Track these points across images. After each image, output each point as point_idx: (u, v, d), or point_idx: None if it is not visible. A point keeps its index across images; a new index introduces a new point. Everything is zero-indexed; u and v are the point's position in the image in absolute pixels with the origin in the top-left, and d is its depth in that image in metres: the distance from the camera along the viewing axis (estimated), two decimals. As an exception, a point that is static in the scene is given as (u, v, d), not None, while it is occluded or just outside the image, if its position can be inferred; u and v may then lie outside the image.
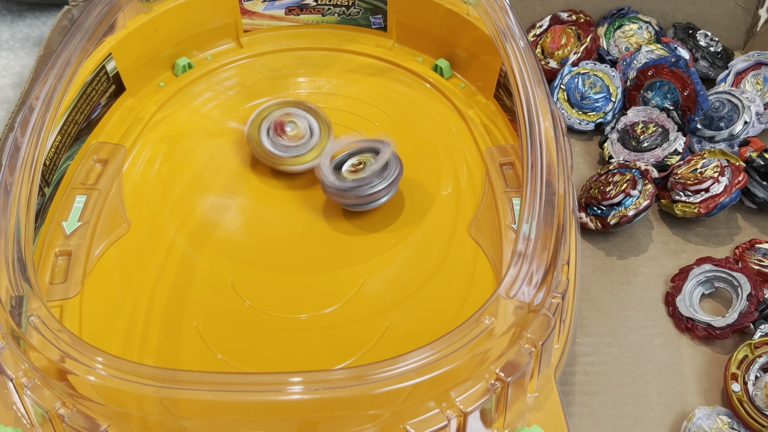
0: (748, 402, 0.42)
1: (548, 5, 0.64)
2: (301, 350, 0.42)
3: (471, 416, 0.33)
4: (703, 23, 0.64)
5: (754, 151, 0.52)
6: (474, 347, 0.33)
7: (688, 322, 0.47)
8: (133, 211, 0.48)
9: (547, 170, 0.40)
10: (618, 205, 0.50)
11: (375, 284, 0.44)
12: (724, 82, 0.59)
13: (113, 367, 0.32)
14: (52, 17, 0.73)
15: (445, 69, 0.57)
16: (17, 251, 0.37)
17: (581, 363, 0.46)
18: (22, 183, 0.40)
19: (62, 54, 0.47)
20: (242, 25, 0.60)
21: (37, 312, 0.34)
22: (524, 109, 0.44)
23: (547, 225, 0.38)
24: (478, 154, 0.52)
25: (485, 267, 0.45)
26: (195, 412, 0.33)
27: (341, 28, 0.61)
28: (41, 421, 0.34)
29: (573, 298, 0.40)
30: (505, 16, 0.49)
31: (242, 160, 0.52)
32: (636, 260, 0.51)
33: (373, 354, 0.41)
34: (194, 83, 0.57)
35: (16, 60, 0.69)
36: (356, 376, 0.32)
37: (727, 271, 0.48)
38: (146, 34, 0.55)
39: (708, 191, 0.50)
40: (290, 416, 0.32)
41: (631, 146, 0.55)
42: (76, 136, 0.51)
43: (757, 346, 0.44)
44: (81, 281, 0.44)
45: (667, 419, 0.44)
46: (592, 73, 0.59)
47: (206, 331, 0.42)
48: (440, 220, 0.48)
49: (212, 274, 0.45)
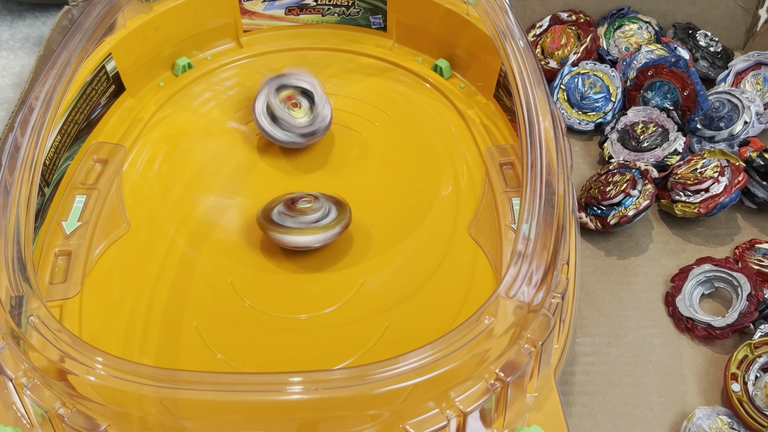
0: (748, 402, 0.42)
1: (548, 5, 0.64)
2: (301, 350, 0.42)
3: (471, 416, 0.33)
4: (703, 23, 0.64)
5: (754, 151, 0.52)
6: (474, 347, 0.33)
7: (688, 322, 0.47)
8: (133, 211, 0.48)
9: (547, 170, 0.40)
10: (618, 205, 0.50)
11: (375, 284, 0.44)
12: (724, 82, 0.59)
13: (113, 367, 0.32)
14: (52, 17, 0.73)
15: (445, 69, 0.57)
16: (17, 251, 0.37)
17: (581, 363, 0.46)
18: (21, 183, 0.40)
19: (62, 54, 0.47)
20: (242, 25, 0.60)
21: (36, 312, 0.34)
22: (524, 109, 0.44)
23: (546, 225, 0.38)
24: (477, 154, 0.52)
25: (485, 267, 0.45)
26: (195, 412, 0.33)
27: (341, 28, 0.61)
28: (41, 421, 0.34)
29: (573, 298, 0.40)
30: (505, 16, 0.49)
31: (242, 160, 0.52)
32: (636, 260, 0.51)
33: (373, 354, 0.41)
34: (194, 83, 0.57)
35: (16, 60, 0.69)
36: (356, 376, 0.32)
37: (727, 271, 0.48)
38: (146, 34, 0.55)
39: (708, 191, 0.50)
40: (290, 416, 0.32)
41: (631, 146, 0.55)
42: (76, 136, 0.51)
43: (757, 346, 0.44)
44: (81, 281, 0.44)
45: (667, 419, 0.44)
46: (592, 73, 0.59)
47: (206, 331, 0.42)
48: (440, 220, 0.48)
49: (212, 274, 0.45)
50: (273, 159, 0.52)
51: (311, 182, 0.50)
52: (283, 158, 0.52)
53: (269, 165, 0.52)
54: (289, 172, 0.51)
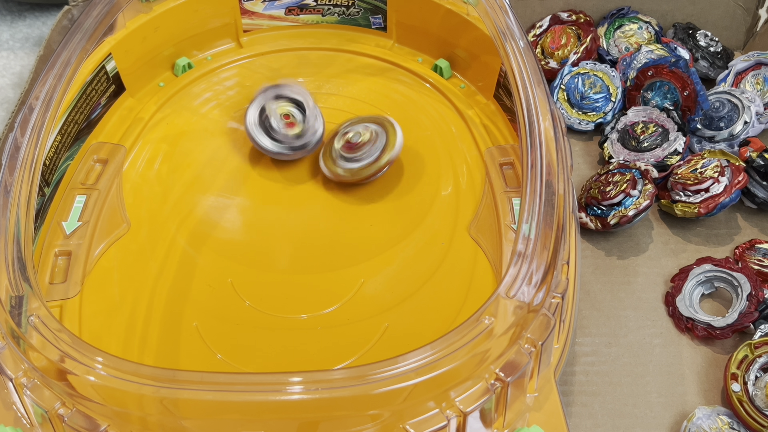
0: (748, 402, 0.42)
1: (548, 5, 0.64)
2: (301, 350, 0.42)
3: (471, 416, 0.33)
4: (703, 23, 0.64)
5: (754, 151, 0.52)
6: (474, 347, 0.33)
7: (688, 322, 0.47)
8: (133, 211, 0.48)
9: (547, 170, 0.40)
10: (618, 205, 0.50)
11: (375, 284, 0.44)
12: (724, 82, 0.59)
13: (113, 367, 0.32)
14: (52, 17, 0.73)
15: (444, 69, 0.57)
16: (17, 251, 0.37)
17: (581, 363, 0.46)
18: (21, 183, 0.40)
19: (62, 54, 0.47)
20: (242, 25, 0.60)
21: (36, 312, 0.34)
22: (524, 109, 0.44)
23: (546, 225, 0.38)
24: (477, 154, 0.52)
25: (485, 267, 0.45)
26: (195, 412, 0.33)
27: (341, 28, 0.61)
28: (41, 421, 0.34)
29: (573, 298, 0.40)
30: (505, 16, 0.49)
31: (242, 160, 0.52)
32: (636, 260, 0.51)
33: (373, 354, 0.41)
34: (194, 83, 0.57)
35: (16, 60, 0.69)
36: (356, 376, 0.32)
37: (727, 271, 0.48)
38: (146, 34, 0.55)
39: (708, 191, 0.50)
40: (290, 416, 0.32)
41: (631, 146, 0.55)
42: (76, 136, 0.51)
43: (757, 346, 0.44)
44: (81, 281, 0.44)
45: (667, 419, 0.44)
46: (592, 73, 0.59)
47: (206, 331, 0.42)
48: (440, 220, 0.48)
49: (212, 274, 0.45)
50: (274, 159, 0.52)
51: (311, 182, 0.50)
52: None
53: (269, 165, 0.52)
54: (289, 171, 0.51)
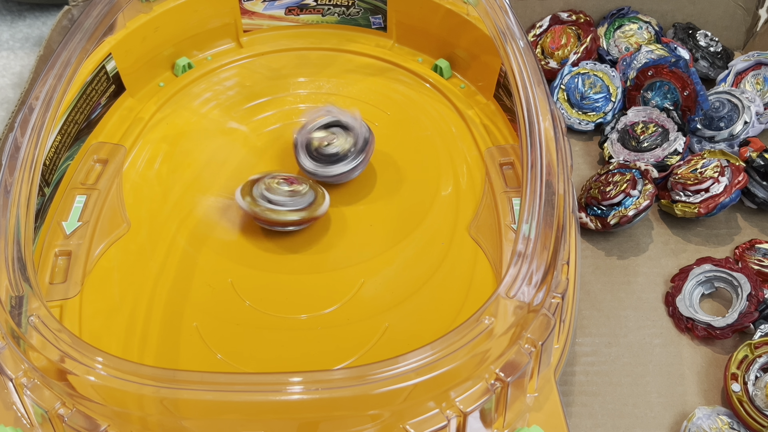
0: (748, 402, 0.42)
1: (548, 5, 0.64)
2: (301, 350, 0.42)
3: (471, 416, 0.33)
4: (703, 23, 0.64)
5: (754, 151, 0.52)
6: (474, 347, 0.33)
7: (688, 322, 0.47)
8: (133, 211, 0.48)
9: (547, 170, 0.40)
10: (618, 205, 0.50)
11: (375, 284, 0.44)
12: (724, 82, 0.59)
13: (113, 367, 0.32)
14: (52, 17, 0.73)
15: (444, 69, 0.57)
16: (17, 251, 0.37)
17: (581, 363, 0.46)
18: (21, 183, 0.40)
19: (62, 54, 0.47)
20: (242, 25, 0.60)
21: (36, 312, 0.34)
22: (524, 109, 0.44)
23: (546, 225, 0.38)
24: (477, 154, 0.52)
25: (485, 267, 0.45)
26: (195, 412, 0.33)
27: (341, 28, 0.61)
28: (41, 421, 0.34)
29: (573, 298, 0.40)
30: (505, 16, 0.49)
31: (242, 160, 0.52)
32: (636, 260, 0.51)
33: (373, 354, 0.41)
34: (194, 83, 0.57)
35: (16, 60, 0.69)
36: (356, 376, 0.32)
37: (727, 271, 0.48)
38: (146, 34, 0.55)
39: (708, 191, 0.50)
40: (290, 416, 0.32)
41: (631, 146, 0.55)
42: (76, 136, 0.51)
43: (757, 346, 0.44)
44: (81, 281, 0.44)
45: (667, 419, 0.44)
46: (592, 73, 0.59)
47: (206, 331, 0.42)
48: (440, 220, 0.48)
49: (212, 274, 0.45)
50: (274, 159, 0.52)
51: (311, 182, 0.50)
52: (284, 158, 0.52)
53: (269, 165, 0.52)
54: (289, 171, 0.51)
